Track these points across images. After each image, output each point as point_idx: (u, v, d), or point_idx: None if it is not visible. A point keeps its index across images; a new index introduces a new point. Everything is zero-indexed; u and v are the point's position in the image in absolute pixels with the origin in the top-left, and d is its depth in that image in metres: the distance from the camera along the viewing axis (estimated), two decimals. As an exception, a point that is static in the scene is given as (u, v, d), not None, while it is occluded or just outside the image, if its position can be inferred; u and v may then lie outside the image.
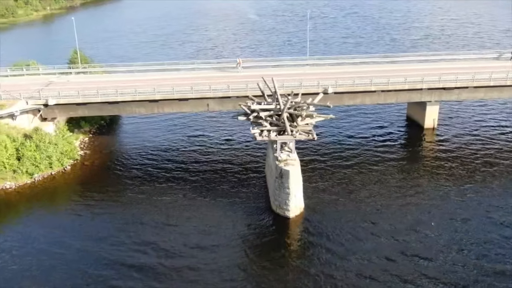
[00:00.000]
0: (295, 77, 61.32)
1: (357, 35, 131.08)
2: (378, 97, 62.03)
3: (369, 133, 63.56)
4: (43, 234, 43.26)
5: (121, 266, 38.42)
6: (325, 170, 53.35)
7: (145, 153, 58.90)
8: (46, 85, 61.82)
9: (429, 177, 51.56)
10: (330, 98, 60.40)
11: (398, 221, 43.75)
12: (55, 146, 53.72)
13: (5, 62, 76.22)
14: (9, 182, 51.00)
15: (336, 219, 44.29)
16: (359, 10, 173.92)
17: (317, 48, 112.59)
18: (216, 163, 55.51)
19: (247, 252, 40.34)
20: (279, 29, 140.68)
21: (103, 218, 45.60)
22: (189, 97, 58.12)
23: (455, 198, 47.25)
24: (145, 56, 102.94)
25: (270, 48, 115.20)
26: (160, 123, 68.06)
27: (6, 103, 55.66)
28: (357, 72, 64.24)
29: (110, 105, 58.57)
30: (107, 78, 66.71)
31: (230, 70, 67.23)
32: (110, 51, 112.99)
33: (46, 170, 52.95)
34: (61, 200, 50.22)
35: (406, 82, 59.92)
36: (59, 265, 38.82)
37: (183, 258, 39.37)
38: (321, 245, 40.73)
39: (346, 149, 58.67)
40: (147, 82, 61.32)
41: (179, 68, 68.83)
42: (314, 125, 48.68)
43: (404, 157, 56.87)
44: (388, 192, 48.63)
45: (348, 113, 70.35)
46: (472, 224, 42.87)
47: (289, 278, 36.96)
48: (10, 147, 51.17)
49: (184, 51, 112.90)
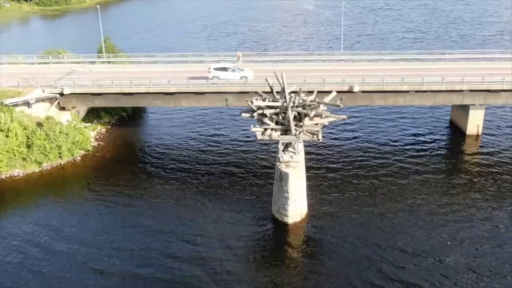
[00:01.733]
0: (319, 73, 60.33)
1: (420, 30, 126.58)
2: (412, 98, 59.68)
3: (402, 140, 60.47)
4: (47, 221, 45.48)
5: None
6: (344, 179, 50.91)
7: (159, 149, 60.17)
8: (67, 73, 64.85)
9: (464, 195, 47.53)
10: (358, 97, 59.21)
11: (418, 243, 40.44)
12: (65, 136, 56.18)
13: (43, 50, 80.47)
14: (18, 169, 53.98)
15: (343, 233, 42.18)
16: (429, 2, 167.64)
17: (371, 44, 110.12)
18: (228, 164, 55.04)
19: (234, 254, 40.19)
20: (333, 22, 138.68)
21: (105, 209, 47.26)
22: (206, 91, 58.74)
23: (491, 220, 43.51)
24: (186, 47, 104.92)
25: (318, 43, 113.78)
26: (183, 119, 68.91)
27: (24, 91, 58.93)
28: (389, 69, 62.28)
29: (126, 96, 60.43)
30: (130, 68, 68.97)
31: (260, 64, 67.44)
32: (152, 42, 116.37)
33: (55, 160, 55.50)
34: (66, 190, 52.19)
35: (443, 83, 57.17)
36: (60, 254, 40.73)
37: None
38: (316, 259, 39.41)
39: (373, 157, 55.61)
40: (171, 73, 62.32)
41: (203, 60, 69.81)
42: (326, 125, 47.64)
43: (438, 169, 52.96)
44: (411, 209, 45.42)
45: (380, 116, 68.04)
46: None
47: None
48: (21, 135, 54.12)
49: (227, 43, 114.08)
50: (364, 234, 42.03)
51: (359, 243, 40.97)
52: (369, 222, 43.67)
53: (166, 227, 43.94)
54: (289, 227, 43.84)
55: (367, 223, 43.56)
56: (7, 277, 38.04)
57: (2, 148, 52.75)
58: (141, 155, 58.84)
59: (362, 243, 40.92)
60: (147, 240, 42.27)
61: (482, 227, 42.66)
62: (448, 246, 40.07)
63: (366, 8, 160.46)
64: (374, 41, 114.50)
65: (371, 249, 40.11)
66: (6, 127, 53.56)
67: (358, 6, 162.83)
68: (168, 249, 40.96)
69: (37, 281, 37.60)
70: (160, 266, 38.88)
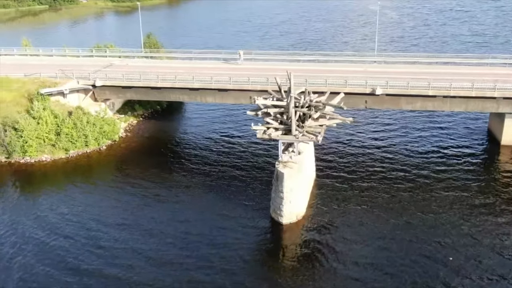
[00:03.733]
0: (342, 74, 59.40)
1: (489, 33, 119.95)
2: (442, 104, 57.20)
3: (433, 150, 57.63)
4: (71, 203, 48.74)
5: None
6: (362, 190, 48.78)
7: (182, 143, 62.08)
8: (105, 66, 68.35)
9: (494, 214, 44.42)
10: (384, 100, 57.76)
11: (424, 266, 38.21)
12: (92, 126, 59.41)
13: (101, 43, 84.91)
14: (46, 155, 57.84)
15: (337, 241, 41.14)
16: (507, 4, 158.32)
17: (428, 47, 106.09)
18: (244, 165, 55.82)
19: (224, 247, 40.97)
20: (397, 23, 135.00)
21: (120, 194, 50.13)
22: (229, 88, 59.68)
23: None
24: (239, 45, 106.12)
25: (373, 44, 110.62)
26: (217, 117, 70.18)
27: (60, 82, 62.89)
28: (416, 72, 60.24)
29: (154, 90, 62.77)
30: (166, 63, 71.36)
31: (289, 64, 67.49)
32: (206, 39, 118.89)
33: (81, 148, 58.86)
34: (90, 176, 55.40)
35: (473, 88, 54.35)
36: (78, 235, 43.54)
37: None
38: (299, 263, 39.02)
39: (394, 169, 52.96)
40: (208, 70, 63.95)
41: (236, 58, 70.88)
42: (338, 130, 47.03)
43: (466, 184, 49.57)
44: (424, 227, 42.65)
45: (411, 122, 65.91)
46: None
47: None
48: (51, 123, 57.94)
49: (280, 43, 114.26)
50: (364, 249, 40.09)
51: (351, 254, 39.61)
52: (373, 237, 41.49)
53: (181, 216, 45.71)
54: (283, 227, 43.80)
55: (370, 238, 41.35)
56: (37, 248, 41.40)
57: (32, 134, 56.69)
58: (163, 148, 60.80)
59: (354, 255, 39.42)
60: (162, 226, 44.18)
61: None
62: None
63: (434, 9, 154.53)
64: (433, 44, 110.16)
65: (357, 268, 38.40)
66: (38, 115, 57.50)
67: (426, 6, 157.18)
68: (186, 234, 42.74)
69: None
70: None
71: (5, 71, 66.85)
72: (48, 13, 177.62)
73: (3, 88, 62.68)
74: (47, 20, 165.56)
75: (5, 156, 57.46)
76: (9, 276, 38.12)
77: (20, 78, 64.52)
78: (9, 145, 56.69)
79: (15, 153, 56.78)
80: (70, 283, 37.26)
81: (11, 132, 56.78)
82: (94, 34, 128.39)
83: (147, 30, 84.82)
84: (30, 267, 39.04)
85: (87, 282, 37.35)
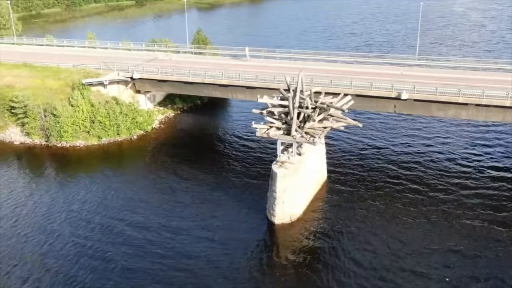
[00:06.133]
0: (367, 76, 57.78)
1: None
2: (476, 112, 53.73)
3: (466, 165, 54.15)
4: (102, 185, 52.50)
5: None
6: (373, 199, 47.10)
7: (211, 139, 63.45)
8: (148, 60, 71.61)
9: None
10: (415, 106, 55.47)
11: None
12: (125, 116, 62.70)
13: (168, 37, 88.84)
14: (80, 141, 61.97)
15: (328, 248, 40.28)
16: None
17: (504, 53, 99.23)
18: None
19: (216, 240, 42.02)
20: (477, 26, 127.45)
21: (142, 181, 53.32)
22: (254, 85, 60.25)
23: None
24: (301, 44, 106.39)
25: (446, 48, 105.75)
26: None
27: (103, 73, 66.90)
28: (448, 78, 57.12)
29: (188, 85, 64.79)
30: (208, 59, 73.26)
31: (309, 63, 66.90)
32: (271, 38, 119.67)
33: (113, 136, 62.40)
34: (120, 162, 59.07)
35: (508, 97, 50.59)
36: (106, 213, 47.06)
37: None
38: (283, 266, 38.74)
39: (413, 182, 50.66)
40: (252, 68, 64.85)
41: (275, 56, 71.31)
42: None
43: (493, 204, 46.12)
44: (436, 243, 40.55)
45: (450, 130, 62.58)
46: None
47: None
48: (87, 111, 61.95)
49: (345, 44, 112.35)
50: (349, 259, 38.95)
51: (339, 263, 38.65)
52: (369, 251, 39.87)
53: (196, 207, 47.42)
54: (276, 227, 43.76)
55: (366, 252, 39.75)
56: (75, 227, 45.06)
57: (68, 121, 60.99)
58: (190, 141, 62.75)
59: (343, 264, 38.44)
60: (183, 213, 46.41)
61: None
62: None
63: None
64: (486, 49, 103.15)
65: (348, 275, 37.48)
66: (76, 103, 61.73)
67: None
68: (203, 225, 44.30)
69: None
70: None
71: (59, 61, 72.29)
72: (133, 8, 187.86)
73: (53, 77, 67.89)
74: (129, 15, 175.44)
75: (45, 140, 62.33)
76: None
77: (69, 68, 69.40)
78: (48, 130, 61.38)
79: (53, 137, 61.33)
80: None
81: (51, 117, 61.42)
82: (163, 29, 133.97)
83: (214, 27, 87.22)
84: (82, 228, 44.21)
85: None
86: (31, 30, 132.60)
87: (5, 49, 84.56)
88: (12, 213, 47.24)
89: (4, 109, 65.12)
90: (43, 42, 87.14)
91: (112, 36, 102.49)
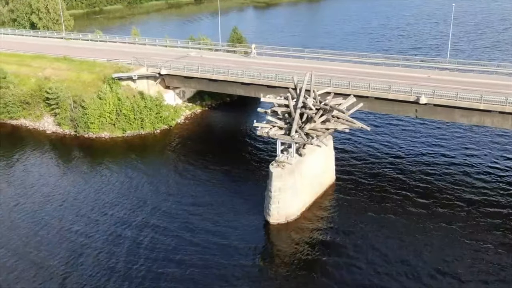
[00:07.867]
0: (386, 79, 56.32)
1: None
2: (502, 120, 51.06)
3: (489, 180, 51.50)
4: (131, 173, 55.25)
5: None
6: (380, 206, 45.99)
7: (232, 137, 64.07)
8: (179, 57, 73.28)
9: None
10: (436, 111, 53.59)
11: None
12: (149, 111, 64.63)
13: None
14: (106, 132, 64.52)
15: (322, 258, 39.40)
16: None
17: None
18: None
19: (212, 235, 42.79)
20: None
21: (157, 173, 55.25)
22: (274, 84, 60.30)
23: None
24: (345, 45, 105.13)
25: (495, 54, 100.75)
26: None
27: (133, 68, 69.25)
28: (477, 83, 54.57)
29: (213, 82, 65.76)
30: (238, 58, 73.96)
31: (352, 65, 65.81)
32: (317, 39, 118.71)
33: (137, 129, 64.52)
34: (142, 154, 60.61)
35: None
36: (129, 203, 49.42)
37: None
38: (272, 267, 38.80)
39: (425, 191, 49.32)
40: (287, 67, 64.90)
41: (302, 55, 70.98)
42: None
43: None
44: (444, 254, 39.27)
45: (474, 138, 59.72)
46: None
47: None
48: (113, 104, 64.40)
49: (392, 46, 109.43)
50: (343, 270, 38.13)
51: (331, 270, 38.03)
52: (367, 259, 38.99)
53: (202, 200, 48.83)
54: (270, 227, 43.76)
55: (366, 260, 38.89)
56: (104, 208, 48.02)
57: (95, 113, 63.67)
58: (210, 138, 63.80)
59: (336, 273, 37.64)
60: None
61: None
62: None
63: None
64: None
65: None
66: (104, 96, 64.32)
67: None
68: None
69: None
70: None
71: (98, 55, 75.55)
72: (190, 6, 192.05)
73: (88, 71, 71.09)
74: (185, 12, 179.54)
75: (74, 130, 65.41)
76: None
77: (103, 62, 72.35)
78: (76, 121, 64.38)
79: (80, 128, 64.25)
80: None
81: (79, 109, 64.37)
82: (209, 28, 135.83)
83: (264, 26, 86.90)
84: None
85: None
86: (87, 26, 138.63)
87: (52, 43, 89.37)
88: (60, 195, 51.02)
89: (40, 100, 68.88)
90: (87, 37, 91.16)
91: (161, 33, 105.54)
